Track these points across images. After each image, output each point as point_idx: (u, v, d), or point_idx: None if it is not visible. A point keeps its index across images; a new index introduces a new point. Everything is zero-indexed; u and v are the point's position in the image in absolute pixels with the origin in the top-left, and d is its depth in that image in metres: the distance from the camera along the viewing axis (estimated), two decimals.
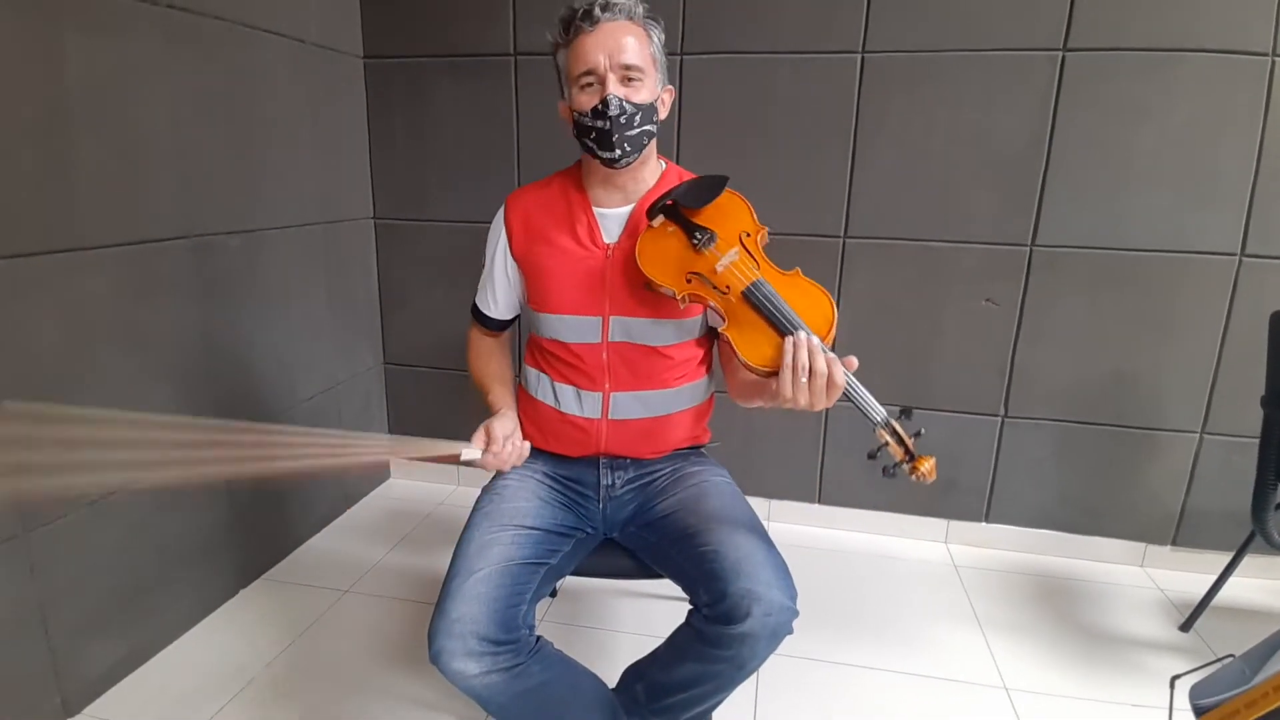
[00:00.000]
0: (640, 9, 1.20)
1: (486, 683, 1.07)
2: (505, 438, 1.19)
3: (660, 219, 1.20)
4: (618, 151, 1.18)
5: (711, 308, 1.15)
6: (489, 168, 2.31)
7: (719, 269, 1.13)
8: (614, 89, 1.15)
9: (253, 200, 1.89)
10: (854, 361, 1.03)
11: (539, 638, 1.16)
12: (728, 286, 1.11)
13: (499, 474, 1.34)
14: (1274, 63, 1.82)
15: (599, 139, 1.18)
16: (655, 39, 1.21)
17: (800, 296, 1.09)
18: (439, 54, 2.26)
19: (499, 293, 1.37)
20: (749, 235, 1.16)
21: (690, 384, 1.34)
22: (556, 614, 1.89)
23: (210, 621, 1.82)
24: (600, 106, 1.16)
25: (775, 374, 1.04)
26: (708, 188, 1.20)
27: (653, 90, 1.20)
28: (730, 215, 1.19)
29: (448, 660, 1.06)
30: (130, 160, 1.53)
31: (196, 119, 1.68)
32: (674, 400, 1.33)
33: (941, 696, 1.63)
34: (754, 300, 1.09)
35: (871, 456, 1.06)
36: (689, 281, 1.14)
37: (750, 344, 1.08)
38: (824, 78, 2.04)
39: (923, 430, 1.04)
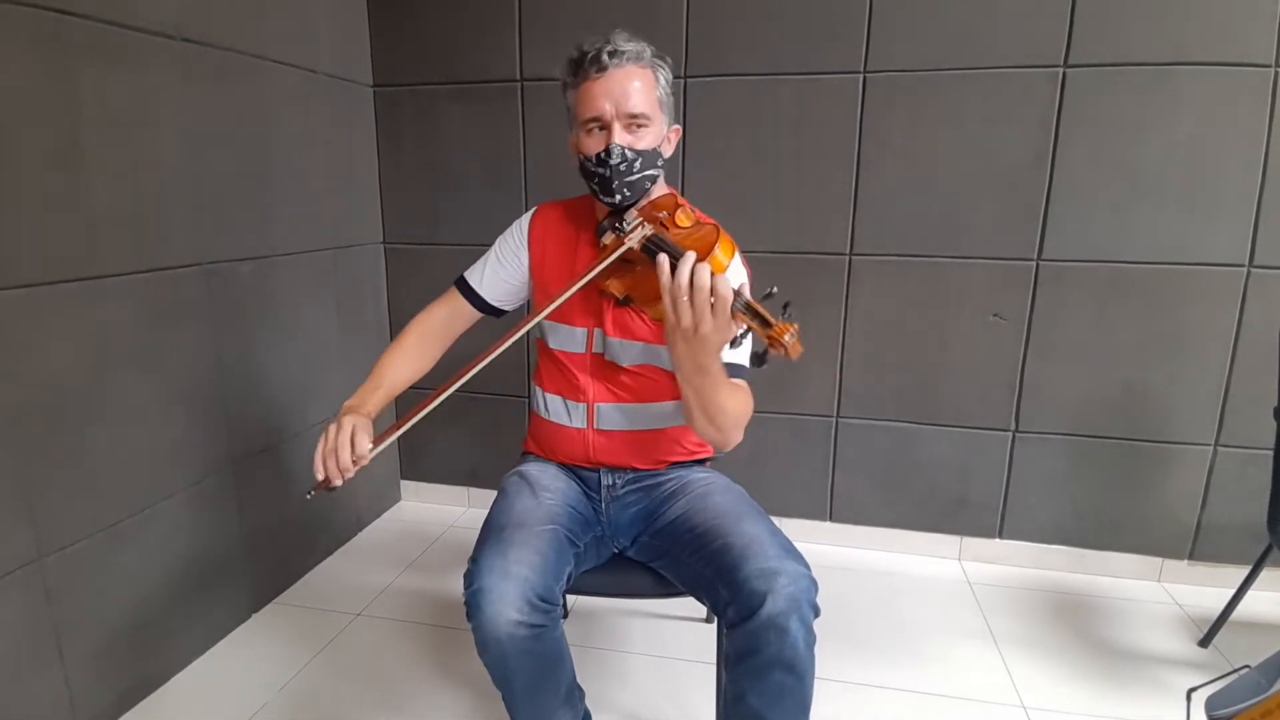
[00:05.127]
0: (648, 52, 1.23)
1: (512, 634, 1.06)
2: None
3: (609, 235, 1.24)
4: (617, 197, 1.23)
5: (630, 302, 1.19)
6: (496, 191, 2.34)
7: (627, 238, 1.15)
8: (618, 137, 1.19)
9: (264, 227, 1.92)
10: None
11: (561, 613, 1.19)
12: (635, 255, 1.13)
13: (521, 462, 1.43)
14: (1277, 74, 1.83)
15: (601, 184, 1.23)
16: (662, 80, 1.25)
17: (691, 235, 1.10)
18: (446, 81, 2.30)
19: (492, 280, 1.39)
20: (668, 215, 1.19)
21: (678, 402, 1.35)
22: (568, 634, 1.87)
23: (223, 646, 1.82)
24: (603, 154, 1.20)
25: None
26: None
27: (658, 134, 1.24)
28: (658, 206, 1.23)
29: (491, 601, 1.04)
30: (146, 190, 1.56)
31: (210, 148, 1.71)
32: (661, 416, 1.36)
33: (959, 716, 1.61)
34: (649, 250, 1.10)
35: (734, 344, 1.04)
36: (599, 263, 1.15)
37: (650, 290, 1.06)
38: (827, 98, 2.07)
39: (789, 306, 0.97)
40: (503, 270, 1.38)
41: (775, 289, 1.00)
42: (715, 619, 1.48)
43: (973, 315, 2.11)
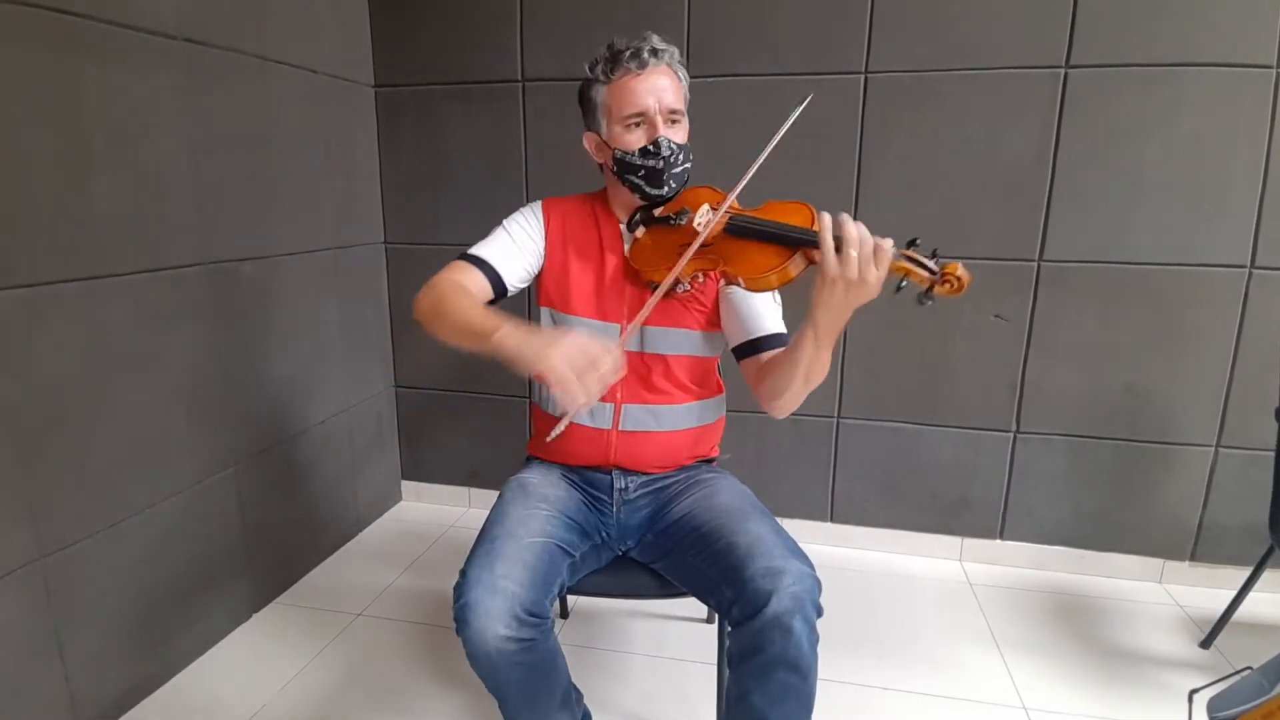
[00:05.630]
0: (676, 54, 1.26)
1: (501, 648, 1.06)
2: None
3: (640, 229, 1.28)
4: (665, 189, 1.25)
5: (725, 277, 1.22)
6: (497, 192, 2.34)
7: (698, 225, 1.19)
8: (664, 131, 1.22)
9: (266, 227, 1.92)
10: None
11: (553, 623, 1.18)
12: (713, 238, 1.17)
13: (522, 468, 1.41)
14: (1279, 75, 1.83)
15: (649, 176, 1.24)
16: (685, 82, 1.28)
17: (778, 212, 1.16)
18: (448, 81, 2.30)
19: (508, 257, 1.30)
20: (717, 202, 1.23)
21: (701, 402, 1.37)
22: (569, 635, 1.88)
23: (223, 646, 1.82)
24: (652, 148, 1.22)
25: (788, 279, 1.12)
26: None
27: (687, 130, 1.28)
28: (694, 196, 1.26)
29: (478, 615, 1.04)
30: (148, 190, 1.56)
31: (212, 149, 1.72)
32: (685, 416, 1.35)
33: (960, 717, 1.60)
34: (740, 228, 1.16)
35: (898, 290, 1.08)
36: (682, 257, 1.17)
37: (753, 265, 1.13)
38: (828, 98, 2.06)
39: (937, 250, 1.06)
40: (521, 255, 1.33)
41: (919, 239, 1.07)
42: (716, 619, 1.48)
43: (974, 316, 2.11)
